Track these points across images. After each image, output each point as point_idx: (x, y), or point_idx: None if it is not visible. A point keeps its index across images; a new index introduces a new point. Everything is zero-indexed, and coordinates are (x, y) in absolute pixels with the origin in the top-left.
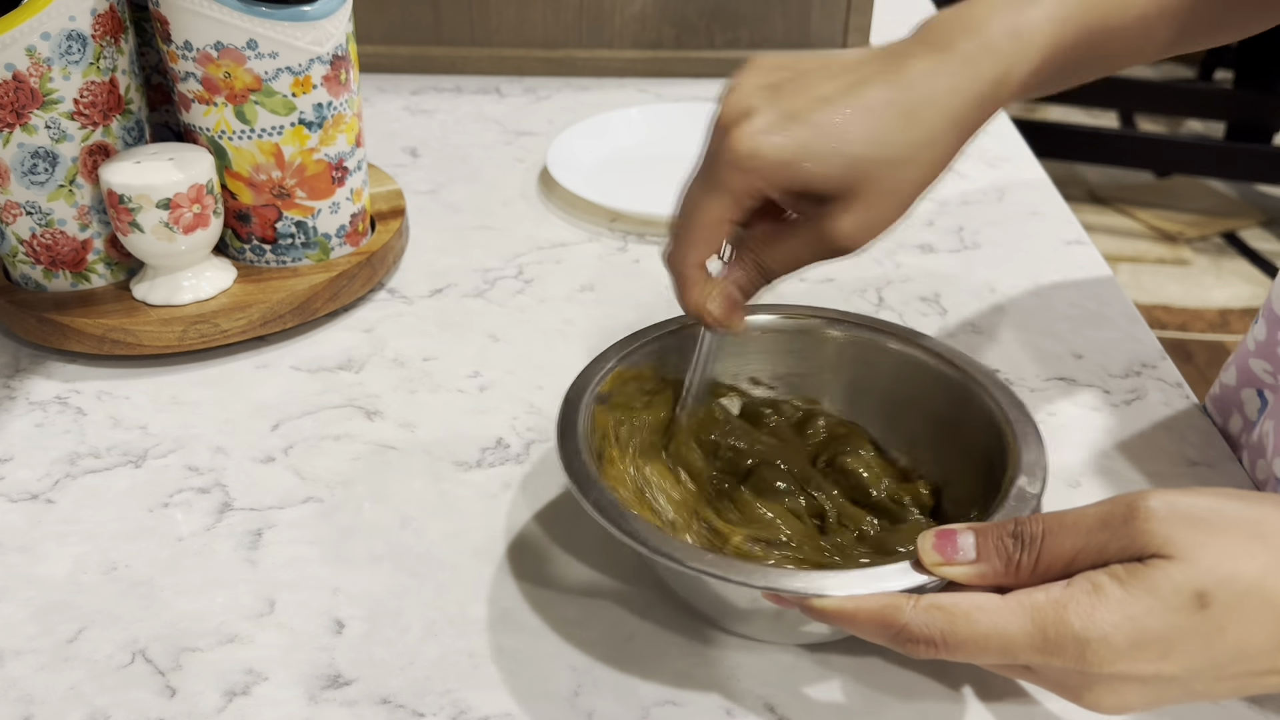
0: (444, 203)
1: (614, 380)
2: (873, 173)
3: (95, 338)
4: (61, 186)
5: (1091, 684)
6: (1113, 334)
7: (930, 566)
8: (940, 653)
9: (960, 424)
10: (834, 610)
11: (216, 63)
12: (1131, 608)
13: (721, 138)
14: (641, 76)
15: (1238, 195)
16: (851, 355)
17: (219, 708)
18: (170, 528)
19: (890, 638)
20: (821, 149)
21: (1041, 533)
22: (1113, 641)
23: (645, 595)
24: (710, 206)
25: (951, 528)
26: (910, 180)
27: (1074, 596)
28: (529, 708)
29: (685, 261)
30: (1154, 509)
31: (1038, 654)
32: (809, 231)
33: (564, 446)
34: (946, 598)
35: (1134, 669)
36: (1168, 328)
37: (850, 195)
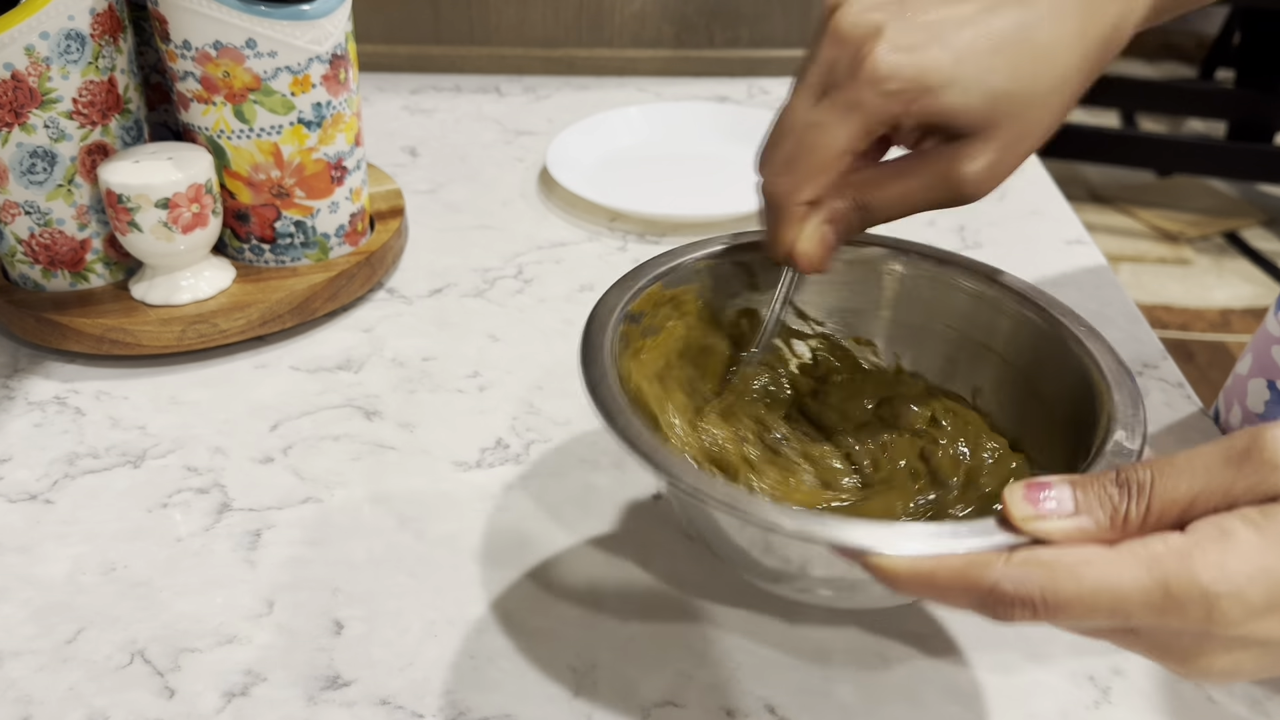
0: (443, 202)
1: (647, 300)
2: (1014, 110)
3: (94, 338)
4: (60, 186)
5: (1209, 647)
6: (1114, 334)
7: (1020, 522)
8: (1039, 615)
9: (1040, 372)
10: (907, 571)
11: (215, 62)
12: (1269, 556)
13: (851, 54)
14: (641, 76)
15: (1239, 195)
16: (913, 290)
17: (218, 708)
18: (169, 528)
19: (977, 600)
20: (960, 75)
21: (1150, 478)
22: (1247, 597)
23: (645, 595)
24: (835, 133)
25: (1045, 479)
26: (1044, 123)
27: (1199, 544)
28: (529, 708)
29: (792, 195)
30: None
31: (1156, 614)
32: (930, 171)
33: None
34: (1045, 551)
35: (1262, 630)
36: (1169, 327)
37: (988, 133)
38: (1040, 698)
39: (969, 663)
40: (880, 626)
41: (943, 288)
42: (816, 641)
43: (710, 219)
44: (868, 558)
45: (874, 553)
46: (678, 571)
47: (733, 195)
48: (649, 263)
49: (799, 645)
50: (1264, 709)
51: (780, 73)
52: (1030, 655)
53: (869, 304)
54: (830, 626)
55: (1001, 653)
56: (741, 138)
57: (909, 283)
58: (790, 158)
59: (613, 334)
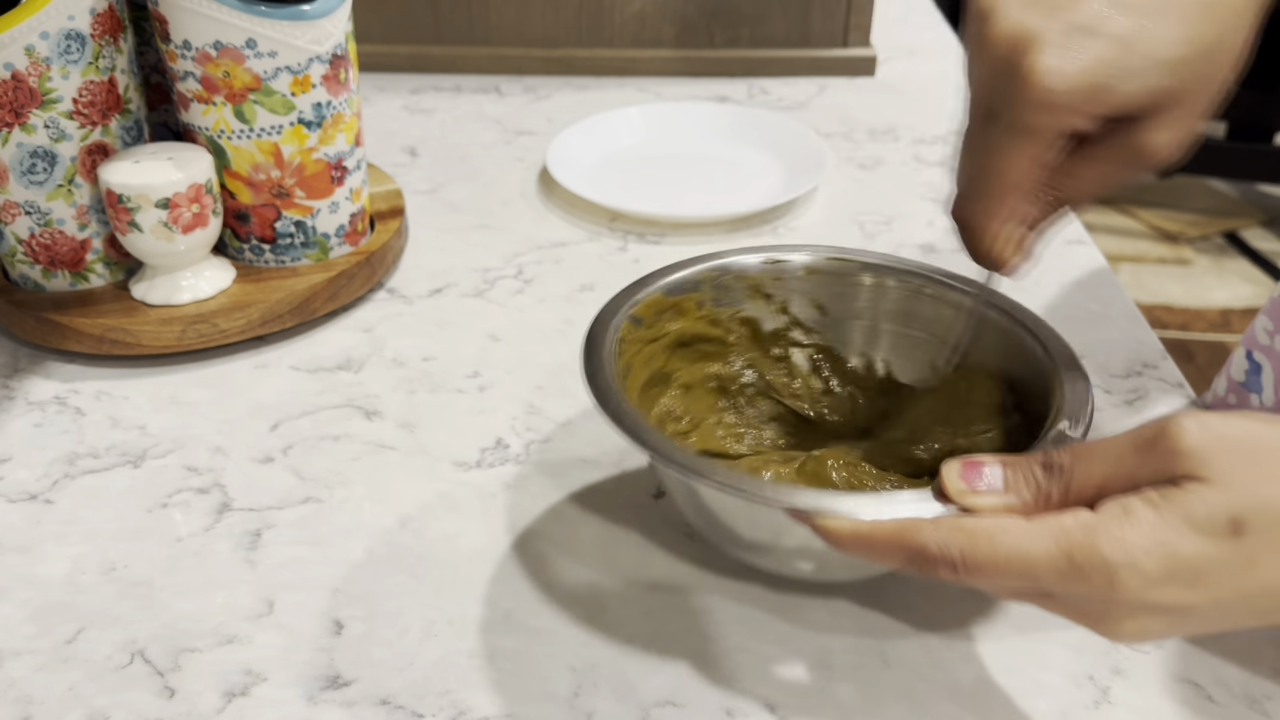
0: (443, 202)
1: (649, 306)
2: (1189, 74)
3: (94, 338)
4: (60, 186)
5: (1114, 612)
6: (1114, 334)
7: (954, 495)
8: (959, 574)
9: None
10: (849, 532)
11: (215, 62)
12: (1163, 532)
13: (1011, 75)
14: (641, 76)
15: (1239, 195)
16: (886, 300)
17: (218, 708)
18: (169, 528)
19: (907, 559)
20: (1134, 63)
21: (1070, 461)
22: (1143, 568)
23: (645, 595)
24: (1017, 156)
25: (979, 458)
26: (1224, 71)
27: (1103, 521)
28: (529, 708)
29: (990, 218)
30: (1187, 429)
31: (1061, 580)
32: (1118, 151)
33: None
34: (968, 519)
35: (1161, 597)
36: (1169, 328)
37: (1168, 104)
38: (1040, 698)
39: (969, 663)
40: (880, 626)
41: (927, 301)
42: (817, 642)
43: (710, 219)
44: (815, 520)
45: (820, 514)
46: (678, 571)
47: (733, 195)
48: (654, 273)
49: (799, 645)
50: (1264, 709)
51: (780, 73)
52: (1030, 655)
53: (847, 314)
54: (831, 627)
55: (1002, 653)
56: (741, 138)
57: (883, 293)
58: (974, 185)
59: (614, 333)
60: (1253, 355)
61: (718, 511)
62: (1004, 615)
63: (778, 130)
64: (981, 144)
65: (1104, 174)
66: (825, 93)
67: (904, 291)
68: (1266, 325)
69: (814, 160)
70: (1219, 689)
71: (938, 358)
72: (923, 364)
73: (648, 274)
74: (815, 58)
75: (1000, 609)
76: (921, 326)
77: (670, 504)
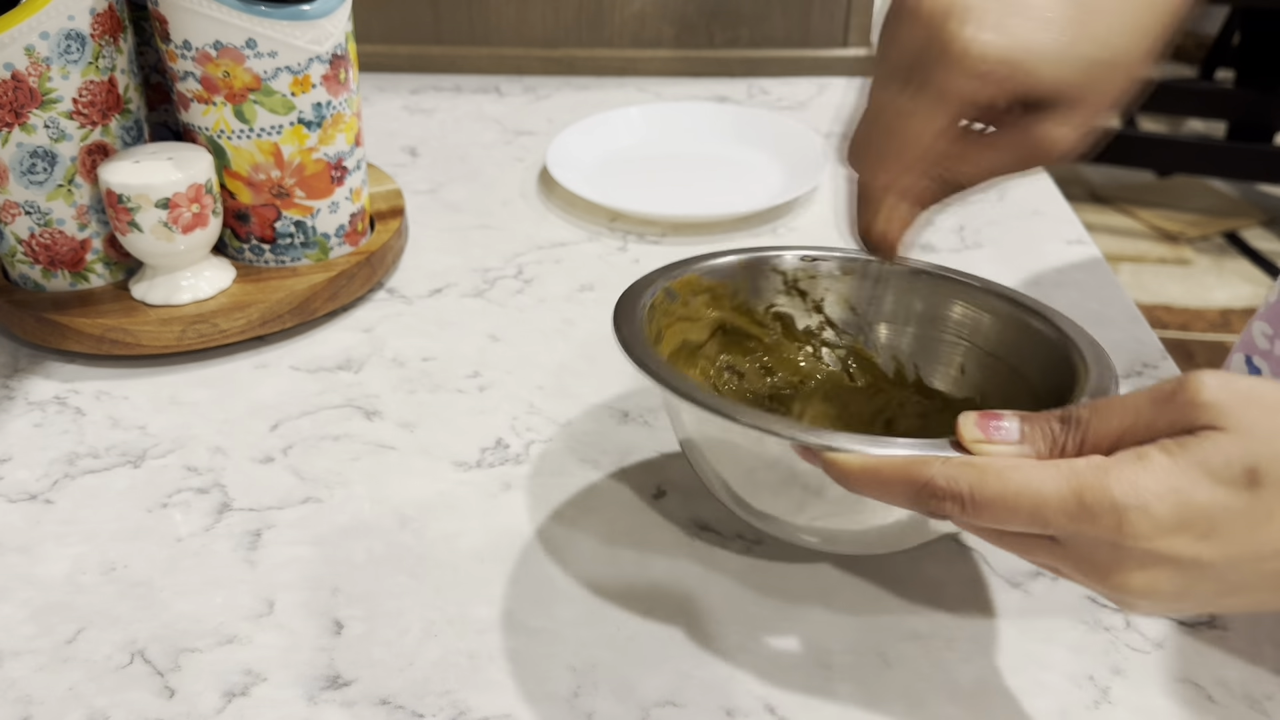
0: (443, 202)
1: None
2: (1099, 75)
3: (94, 338)
4: (60, 186)
5: (1123, 560)
6: (1114, 334)
7: (969, 443)
8: (965, 510)
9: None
10: (858, 467)
11: (215, 62)
12: (1178, 478)
13: (934, 35)
14: (641, 76)
15: (1239, 195)
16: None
17: (218, 708)
18: (169, 528)
19: (914, 493)
20: (1052, 49)
21: (1088, 414)
22: (1154, 512)
23: (645, 595)
24: (927, 122)
25: (998, 411)
26: (1129, 79)
27: (1116, 463)
28: (529, 708)
29: (888, 187)
30: (1205, 382)
31: (1070, 520)
32: (1016, 139)
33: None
34: (980, 457)
35: (1172, 547)
36: (1169, 328)
37: (1074, 100)
38: (1040, 698)
39: (969, 663)
40: (880, 627)
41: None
42: (817, 641)
43: (711, 219)
44: (824, 454)
45: (830, 449)
46: (678, 571)
47: (733, 195)
48: (692, 258)
49: (799, 645)
50: (1264, 709)
51: (780, 73)
52: (1030, 655)
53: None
54: (831, 627)
55: (1002, 653)
56: (741, 138)
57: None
58: (882, 149)
59: (648, 300)
60: (1252, 360)
61: (731, 456)
62: (1004, 615)
63: (778, 130)
64: (892, 108)
65: (999, 161)
66: (825, 93)
67: (938, 296)
68: (1265, 330)
69: (814, 160)
70: (1219, 689)
71: (967, 361)
72: (952, 368)
73: (686, 258)
74: (815, 58)
75: (1000, 609)
76: (954, 331)
77: (671, 501)
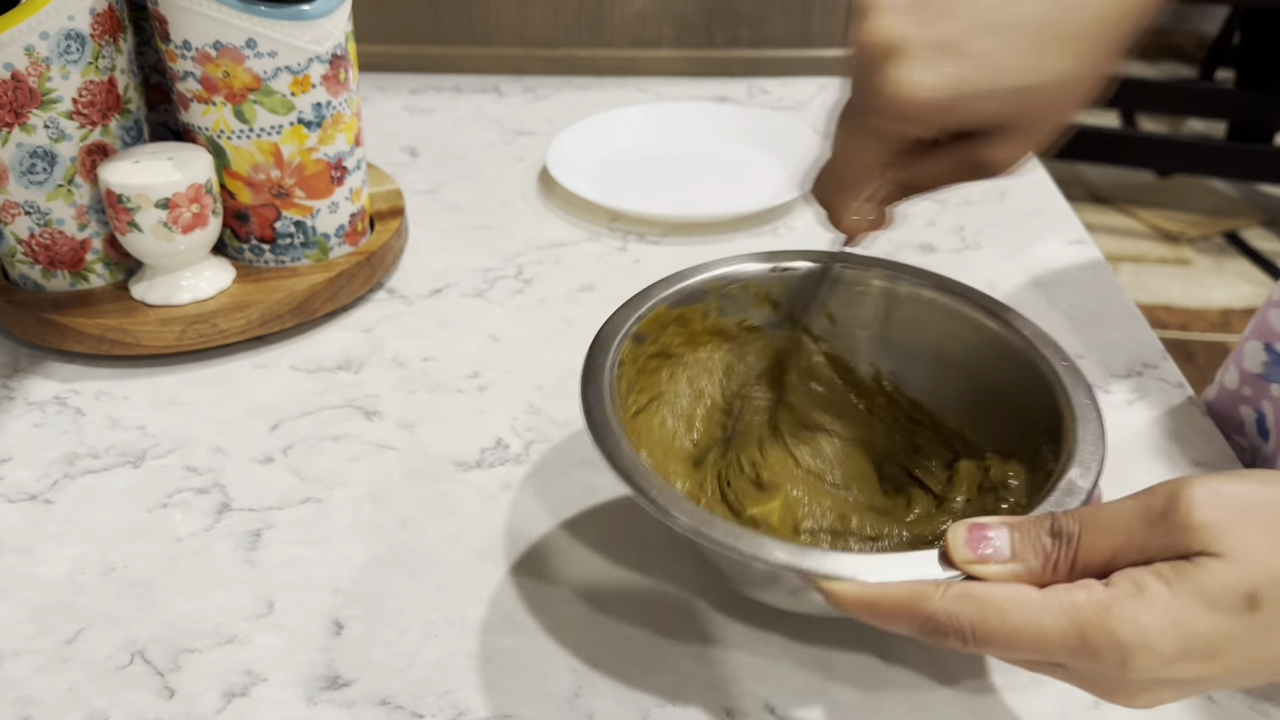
0: (443, 202)
1: (653, 322)
2: (1034, 101)
3: (94, 338)
4: (60, 186)
5: (1128, 686)
6: (1114, 334)
7: (961, 564)
8: (969, 645)
9: (1014, 396)
10: (854, 597)
11: (215, 62)
12: (1178, 611)
13: (869, 78)
14: (641, 76)
15: (1239, 195)
16: (897, 309)
17: (218, 709)
18: (169, 528)
19: (916, 628)
20: (982, 85)
21: (1079, 530)
22: (1157, 648)
23: (645, 596)
24: (860, 151)
25: (985, 521)
26: (1069, 103)
27: (1117, 599)
28: (529, 709)
29: (833, 201)
30: (1197, 501)
31: (1073, 656)
32: (959, 157)
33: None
34: (979, 587)
35: (1175, 673)
36: (1169, 328)
37: (1012, 126)
38: (1040, 698)
39: (969, 663)
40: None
41: (923, 305)
42: (817, 642)
43: (710, 219)
44: (820, 582)
45: (826, 578)
46: (678, 571)
47: (733, 195)
48: (657, 284)
49: (799, 646)
50: (1264, 709)
51: (780, 73)
52: None
53: (854, 321)
54: (831, 627)
55: None
56: (741, 138)
57: (892, 301)
58: (830, 177)
59: (615, 358)
60: (1273, 347)
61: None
62: None
63: (778, 130)
64: (839, 142)
65: (945, 173)
66: (825, 93)
67: (915, 302)
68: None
69: (814, 160)
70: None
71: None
72: (932, 379)
73: (651, 285)
74: (815, 58)
75: None
76: (930, 341)
77: None
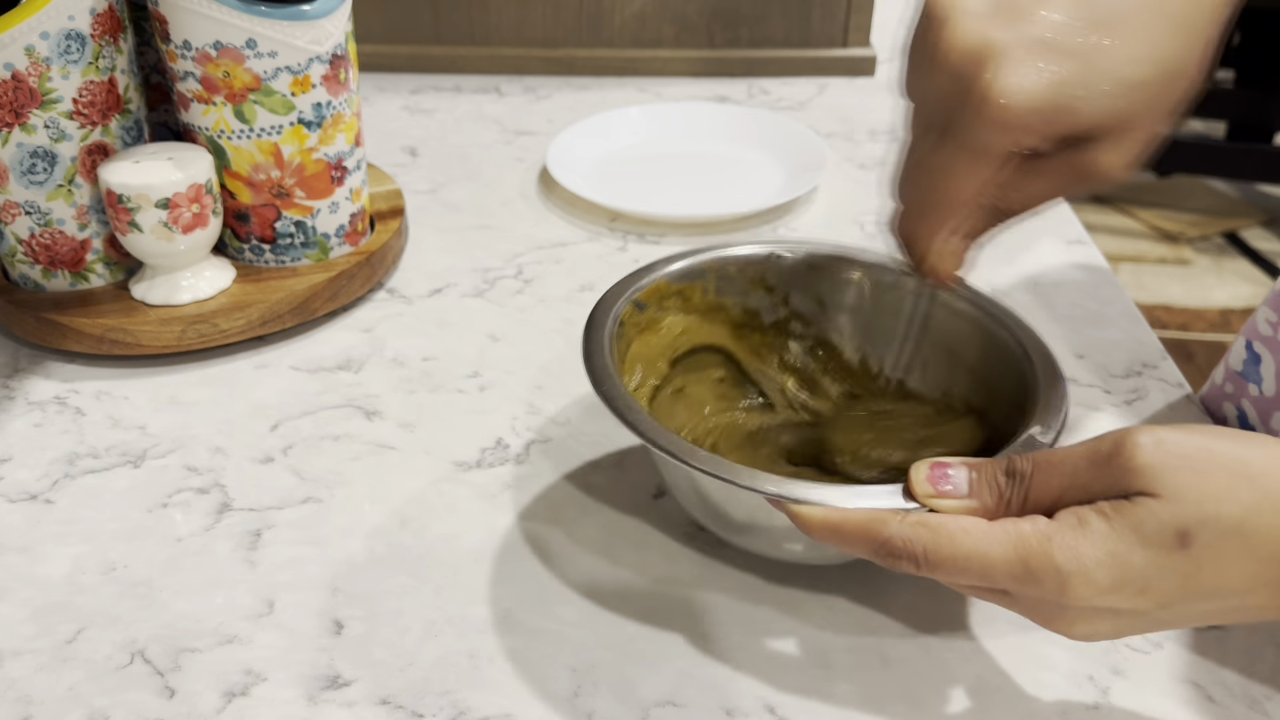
0: (443, 202)
1: (654, 292)
2: (1148, 95)
3: (94, 337)
4: (60, 186)
5: (1066, 613)
6: (1114, 334)
7: (921, 498)
8: (920, 569)
9: (989, 371)
10: (819, 519)
11: (215, 62)
12: (1115, 544)
13: (967, 89)
14: (641, 76)
15: (1239, 195)
16: (884, 298)
17: (218, 708)
18: (169, 528)
19: (873, 550)
20: (1091, 81)
21: (1031, 470)
22: (1094, 577)
23: (645, 595)
24: (965, 174)
25: (946, 460)
26: (1181, 91)
27: (1059, 530)
28: (529, 708)
29: (933, 236)
30: (1141, 445)
31: (1016, 582)
32: (1067, 168)
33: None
34: (934, 517)
35: (1110, 602)
36: (1169, 328)
37: (1124, 125)
38: (1040, 698)
39: (969, 663)
40: (880, 626)
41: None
42: (817, 641)
43: (710, 219)
44: (788, 506)
45: (794, 501)
46: (678, 571)
47: (733, 195)
48: (657, 262)
49: (799, 645)
50: (1264, 709)
51: (780, 73)
52: (1030, 655)
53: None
54: (831, 627)
55: (1001, 653)
56: (741, 138)
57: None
58: (925, 201)
59: (615, 317)
60: (1252, 346)
61: (709, 494)
62: (1004, 615)
63: (778, 130)
64: (930, 162)
65: (1050, 189)
66: (825, 93)
67: (898, 289)
68: (1269, 316)
69: (814, 160)
70: (1219, 689)
71: (931, 358)
72: (915, 362)
73: (651, 262)
74: (815, 58)
75: (1000, 609)
76: (919, 328)
77: (671, 501)
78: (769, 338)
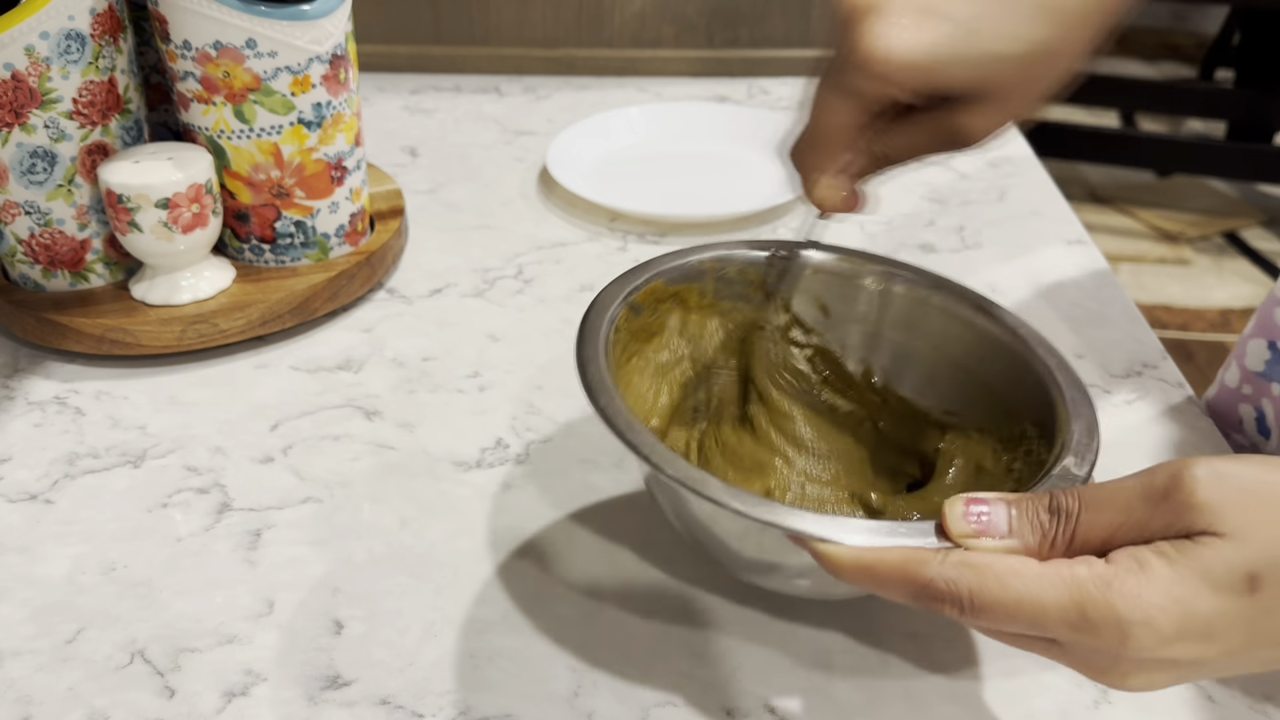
0: (443, 202)
1: (649, 294)
2: (1018, 70)
3: (94, 337)
4: (60, 186)
5: (1123, 665)
6: (1114, 334)
7: (957, 537)
8: (965, 615)
9: (1010, 392)
10: (850, 560)
11: (215, 62)
12: (1180, 589)
13: (848, 35)
14: (641, 76)
15: (1239, 195)
16: (893, 307)
17: (218, 708)
18: (169, 528)
19: (912, 594)
20: (960, 49)
21: (1078, 506)
22: (1158, 626)
23: (645, 595)
24: (837, 111)
25: (984, 496)
26: (1049, 76)
27: (1117, 574)
28: (529, 708)
29: (808, 165)
30: (1201, 480)
31: (1072, 630)
32: (934, 125)
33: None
34: (979, 556)
35: (1173, 653)
36: (1169, 328)
37: (990, 95)
38: (1040, 698)
39: (969, 663)
40: (880, 627)
41: (920, 305)
42: (817, 642)
43: (710, 219)
44: (815, 545)
45: (821, 541)
46: (677, 571)
47: (733, 195)
48: (654, 260)
49: (799, 645)
50: (1264, 709)
51: (780, 73)
52: (1031, 655)
53: (849, 317)
54: (831, 627)
55: (1002, 653)
56: (741, 138)
57: (890, 300)
58: (806, 139)
59: (610, 322)
60: (1276, 345)
61: (711, 526)
62: None
63: (778, 130)
64: (817, 101)
65: (919, 143)
66: None
67: (910, 299)
68: None
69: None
70: (1219, 689)
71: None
72: (923, 376)
73: (648, 260)
74: (815, 58)
75: None
76: (924, 338)
77: None
78: (769, 343)
